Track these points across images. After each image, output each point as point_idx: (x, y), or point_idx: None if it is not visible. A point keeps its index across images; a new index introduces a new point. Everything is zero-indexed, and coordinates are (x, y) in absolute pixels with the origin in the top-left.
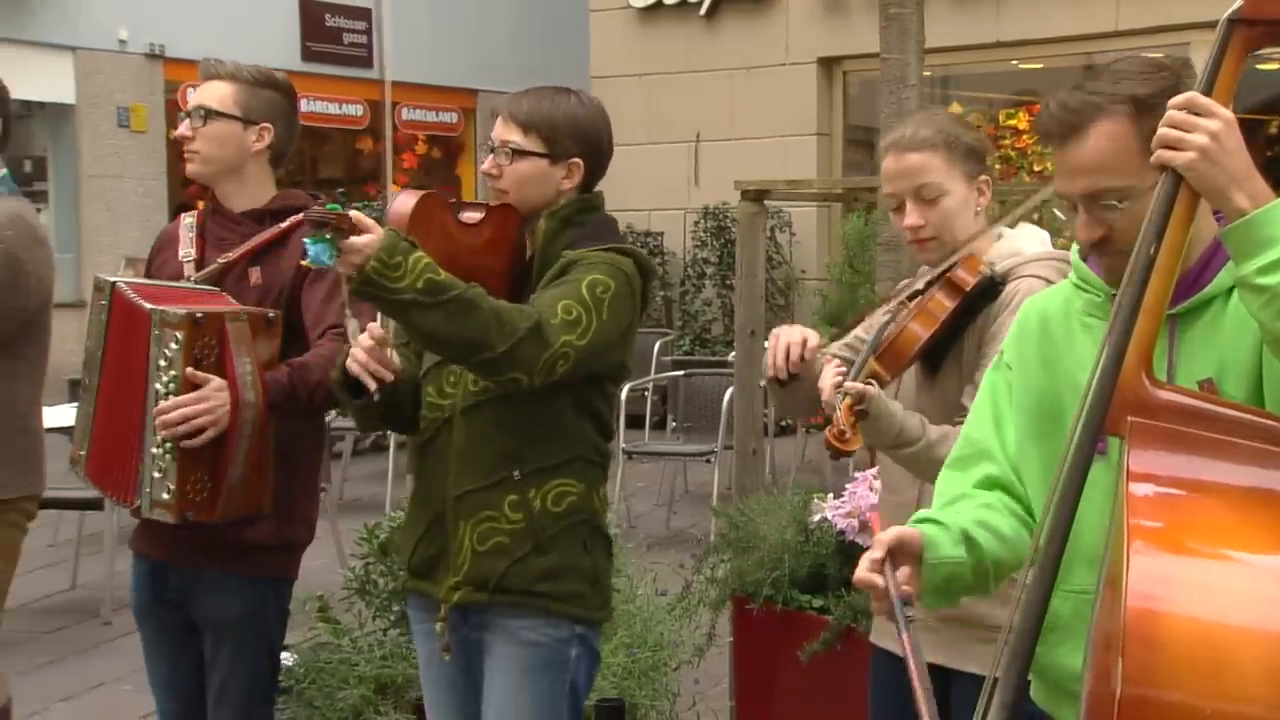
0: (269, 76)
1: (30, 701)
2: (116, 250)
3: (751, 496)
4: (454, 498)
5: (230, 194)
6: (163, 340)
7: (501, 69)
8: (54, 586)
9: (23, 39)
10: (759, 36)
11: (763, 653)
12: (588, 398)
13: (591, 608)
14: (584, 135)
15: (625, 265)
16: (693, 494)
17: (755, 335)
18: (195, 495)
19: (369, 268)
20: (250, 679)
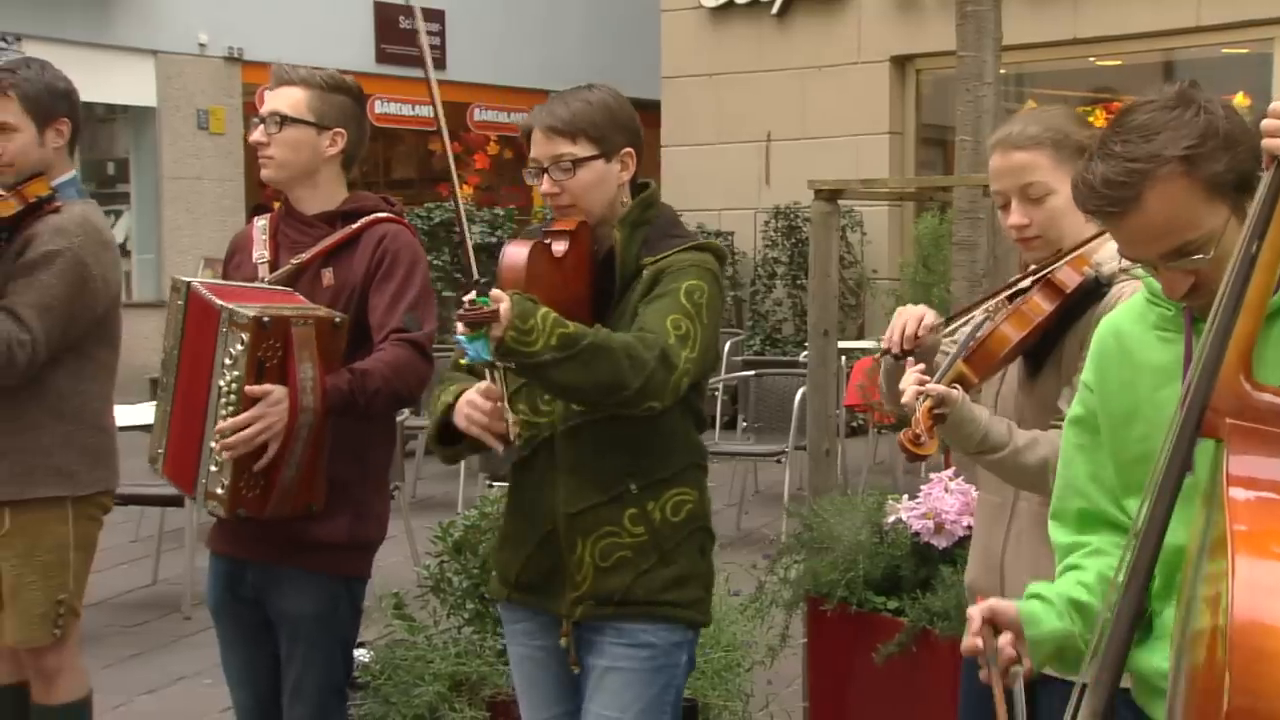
0: (340, 81)
1: (114, 694)
2: (195, 251)
3: (825, 497)
4: (568, 515)
5: (304, 197)
6: (229, 339)
7: (572, 69)
8: (136, 582)
9: (106, 43)
10: (831, 35)
11: (836, 654)
12: (690, 399)
13: (705, 611)
14: (623, 124)
15: (709, 263)
16: (763, 494)
17: (828, 335)
18: (248, 492)
19: (506, 338)
20: (324, 675)
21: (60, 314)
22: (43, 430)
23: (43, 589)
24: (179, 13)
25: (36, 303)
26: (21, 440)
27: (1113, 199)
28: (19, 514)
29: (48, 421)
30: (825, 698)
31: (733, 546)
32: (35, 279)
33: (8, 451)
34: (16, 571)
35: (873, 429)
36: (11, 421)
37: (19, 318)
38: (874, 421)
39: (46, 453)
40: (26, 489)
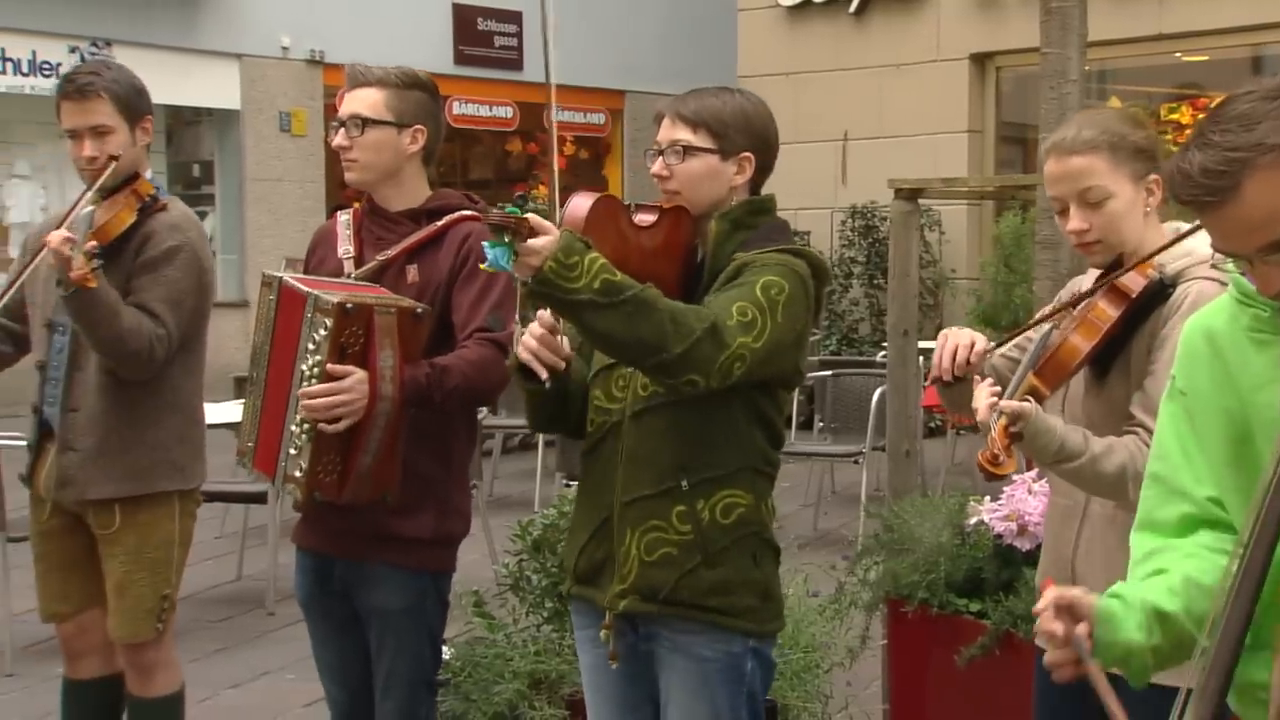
0: (415, 77)
1: (200, 688)
2: (278, 252)
3: (905, 498)
4: (622, 504)
5: (389, 196)
6: (314, 324)
7: (649, 69)
8: (221, 577)
9: (192, 47)
10: (909, 33)
11: (917, 656)
12: (759, 405)
13: (764, 620)
14: (753, 130)
15: (799, 267)
16: (840, 495)
17: (908, 335)
18: (325, 476)
19: (545, 268)
20: (413, 669)
21: (187, 308)
22: (161, 425)
23: (149, 585)
24: (262, 16)
25: (166, 297)
26: (143, 435)
27: (1210, 188)
28: (131, 510)
29: (164, 416)
30: (905, 700)
31: (810, 547)
32: (161, 274)
33: (131, 447)
34: (125, 569)
35: (951, 430)
36: (133, 417)
37: (154, 314)
38: (952, 423)
39: (166, 447)
40: (145, 485)
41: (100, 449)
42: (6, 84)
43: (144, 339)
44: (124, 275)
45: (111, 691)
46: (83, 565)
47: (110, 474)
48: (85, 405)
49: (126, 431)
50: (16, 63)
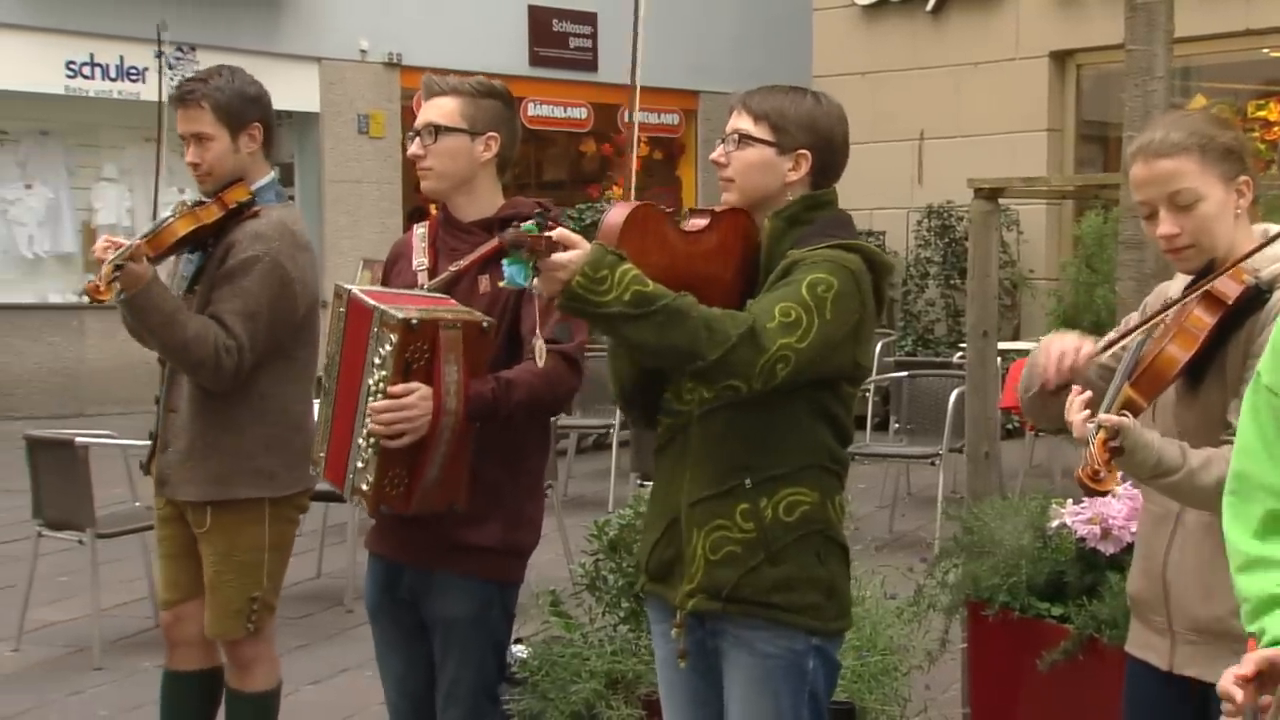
0: (489, 86)
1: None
2: (355, 253)
3: (984, 500)
4: (688, 504)
5: (461, 205)
6: (380, 339)
7: (723, 70)
8: (301, 575)
9: (273, 51)
10: (988, 31)
11: (998, 660)
12: (822, 401)
13: (827, 619)
14: (814, 128)
15: (850, 262)
16: (916, 497)
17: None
18: (391, 489)
19: (574, 283)
20: (476, 678)
21: (264, 319)
22: (245, 433)
23: (238, 586)
24: (342, 20)
25: (241, 310)
26: (226, 442)
27: None
28: (220, 514)
29: (251, 424)
30: (986, 704)
31: (887, 549)
32: (237, 285)
33: (213, 453)
34: (215, 568)
35: (1029, 432)
36: (217, 423)
37: (225, 325)
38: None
39: (249, 455)
40: (228, 490)
41: (188, 452)
42: (95, 89)
43: (208, 348)
44: (209, 283)
45: (208, 685)
46: (190, 556)
47: (194, 477)
48: (180, 407)
49: (210, 437)
50: (105, 68)
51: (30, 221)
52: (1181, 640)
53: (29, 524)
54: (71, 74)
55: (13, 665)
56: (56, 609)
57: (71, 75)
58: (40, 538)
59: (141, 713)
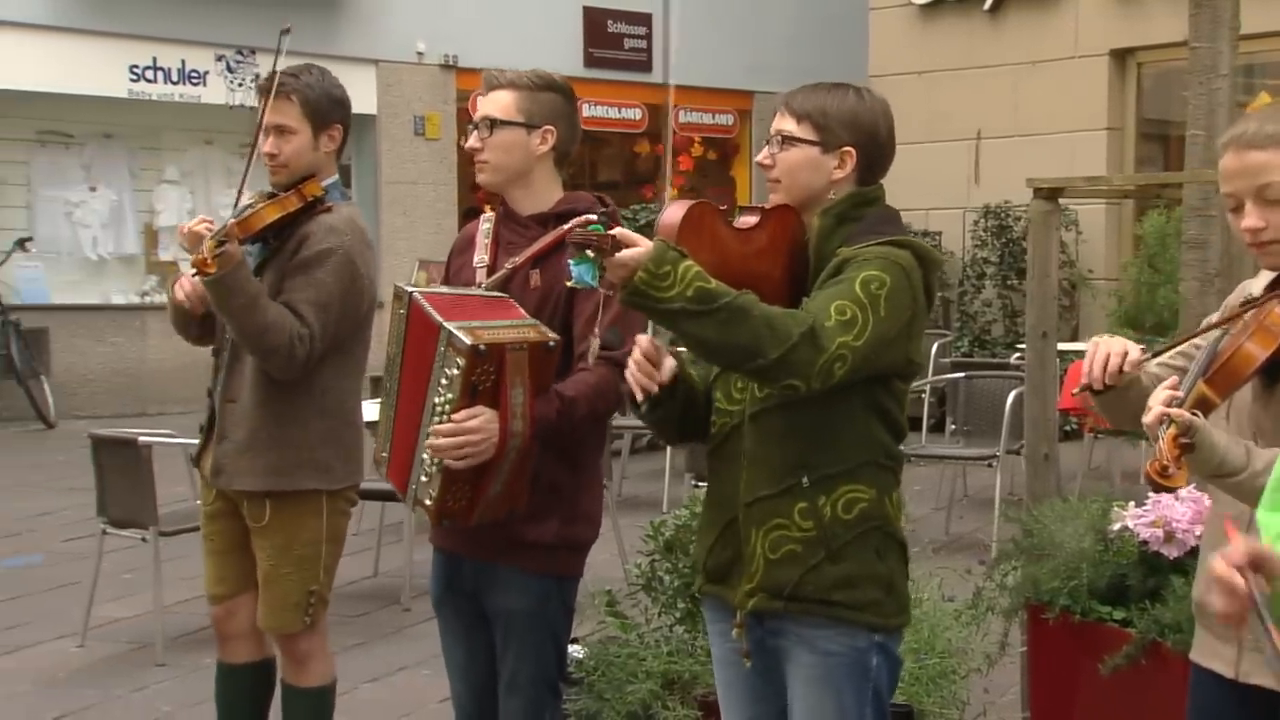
0: (548, 80)
1: (339, 681)
2: (412, 254)
3: (1044, 502)
4: (745, 504)
5: (519, 198)
6: (446, 359)
7: (778, 70)
8: (358, 573)
9: (331, 54)
10: (1046, 29)
11: (1058, 664)
12: (876, 397)
13: (888, 615)
14: (858, 125)
15: (902, 258)
16: (973, 498)
17: (1047, 337)
18: (454, 504)
19: (637, 279)
20: (536, 671)
21: (334, 311)
22: (308, 425)
23: (296, 580)
24: (399, 23)
25: (314, 299)
26: (287, 434)
27: None
28: (279, 507)
29: (312, 417)
30: (1046, 708)
31: (944, 551)
32: (311, 276)
33: (275, 444)
34: (273, 562)
35: (1088, 434)
36: (280, 414)
37: (299, 313)
38: (1090, 426)
39: (310, 447)
40: (288, 481)
41: (249, 442)
42: (158, 92)
43: (284, 335)
44: (280, 274)
45: (262, 676)
46: (240, 550)
47: (255, 467)
48: (241, 398)
49: (273, 428)
50: (167, 71)
51: (94, 223)
52: (1249, 648)
53: (94, 522)
54: (135, 78)
55: (78, 661)
56: (120, 605)
57: (135, 79)
58: (104, 535)
59: (203, 709)
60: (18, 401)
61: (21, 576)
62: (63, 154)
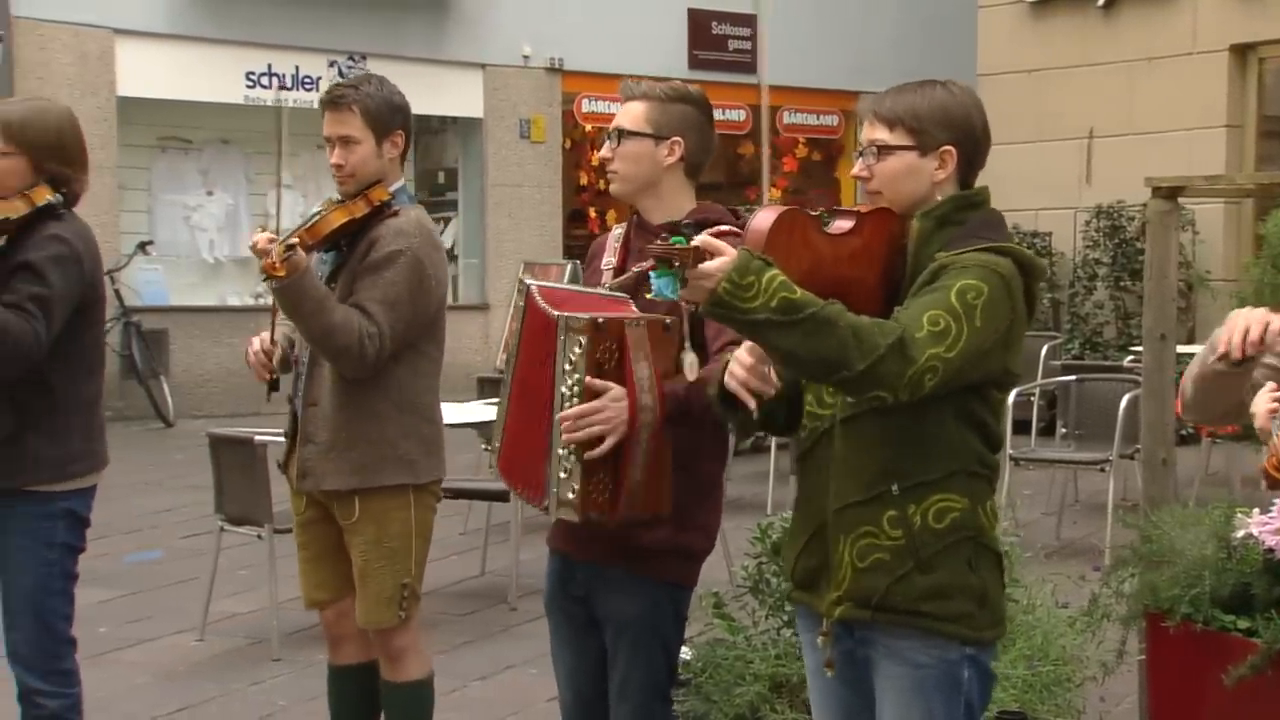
0: (681, 91)
1: (449, 679)
2: (517, 255)
3: (1162, 508)
4: (833, 511)
5: (650, 208)
6: (568, 345)
7: (883, 70)
8: (466, 572)
9: (440, 59)
10: (1163, 25)
11: (1179, 673)
12: (971, 407)
13: (980, 627)
14: (953, 121)
15: (1001, 266)
16: (1085, 503)
17: (1165, 339)
18: (598, 496)
19: (720, 289)
20: (647, 678)
21: (403, 311)
22: (388, 422)
23: (389, 573)
24: (506, 27)
25: (383, 299)
26: (369, 431)
27: None
28: (367, 502)
29: (391, 413)
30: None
31: (1056, 557)
32: (381, 277)
33: (357, 442)
34: (366, 557)
35: (1206, 438)
36: (360, 413)
37: (368, 313)
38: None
39: (392, 443)
40: (374, 478)
41: (332, 443)
42: (272, 98)
43: (353, 335)
44: (351, 277)
45: (372, 677)
46: (337, 554)
47: (340, 467)
48: (321, 401)
49: (355, 427)
50: (281, 77)
51: (211, 227)
52: None
53: (211, 519)
54: (251, 84)
55: (197, 655)
56: (237, 601)
57: (250, 85)
58: (222, 532)
59: (318, 704)
60: (138, 401)
61: (142, 572)
62: (182, 159)
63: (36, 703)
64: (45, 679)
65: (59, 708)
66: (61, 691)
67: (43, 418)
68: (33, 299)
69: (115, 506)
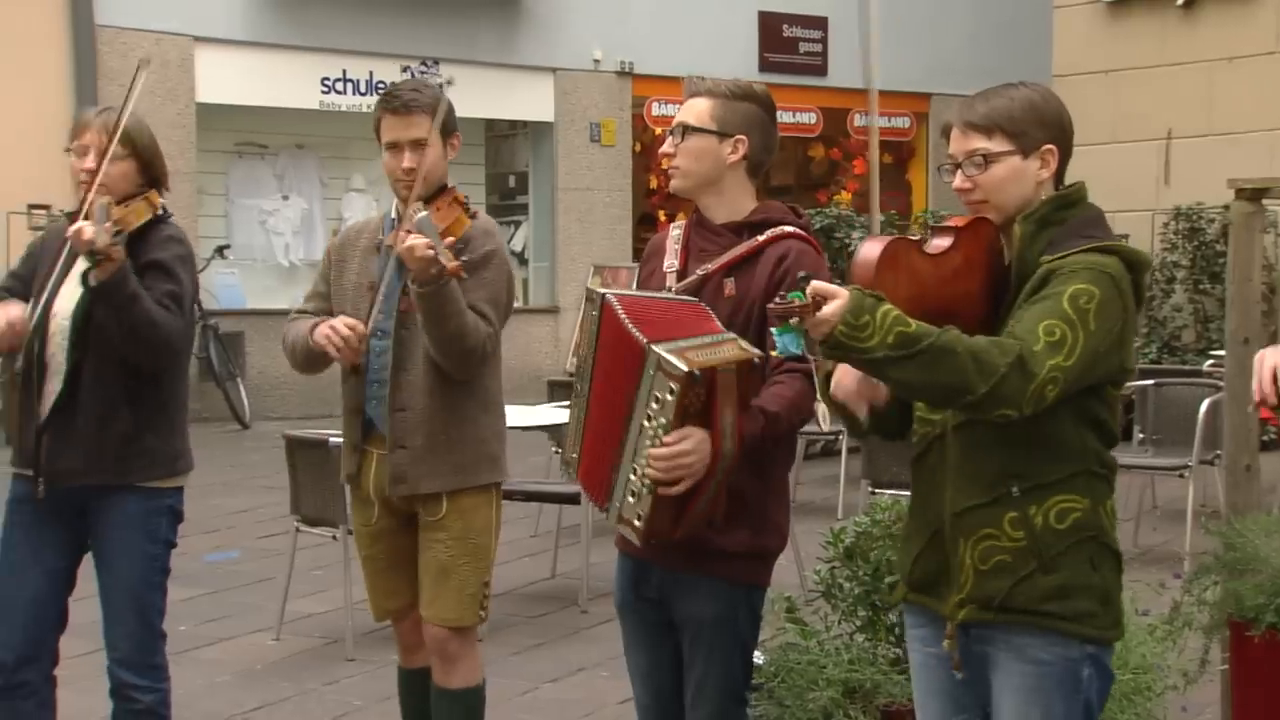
0: (747, 89)
1: (520, 680)
2: (586, 259)
3: (1246, 515)
4: (952, 514)
5: (711, 206)
6: (656, 383)
7: (956, 71)
8: (536, 575)
9: (512, 63)
10: (1244, 24)
11: (1264, 683)
12: (1087, 405)
13: (1104, 627)
14: (1047, 119)
15: (1109, 266)
16: (1163, 509)
17: (1249, 343)
18: (661, 524)
19: (837, 332)
20: (724, 681)
21: (503, 309)
22: (479, 422)
23: (473, 570)
24: (577, 32)
25: (489, 298)
26: (465, 433)
27: None
28: (456, 499)
29: (480, 413)
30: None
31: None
32: (481, 277)
33: (456, 445)
34: (451, 553)
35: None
36: (455, 415)
37: (482, 313)
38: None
39: (484, 441)
40: (471, 478)
41: (429, 446)
42: (347, 103)
43: (480, 336)
44: None
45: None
46: (408, 564)
47: (438, 469)
48: (413, 405)
49: (452, 430)
50: (356, 83)
51: (286, 231)
52: None
53: (287, 519)
54: (326, 89)
55: (274, 654)
56: (312, 601)
57: (326, 91)
58: (298, 533)
59: (391, 704)
60: (216, 403)
61: (221, 571)
62: (258, 164)
63: (131, 697)
64: (141, 673)
65: (153, 702)
66: (155, 686)
67: (156, 415)
68: (169, 295)
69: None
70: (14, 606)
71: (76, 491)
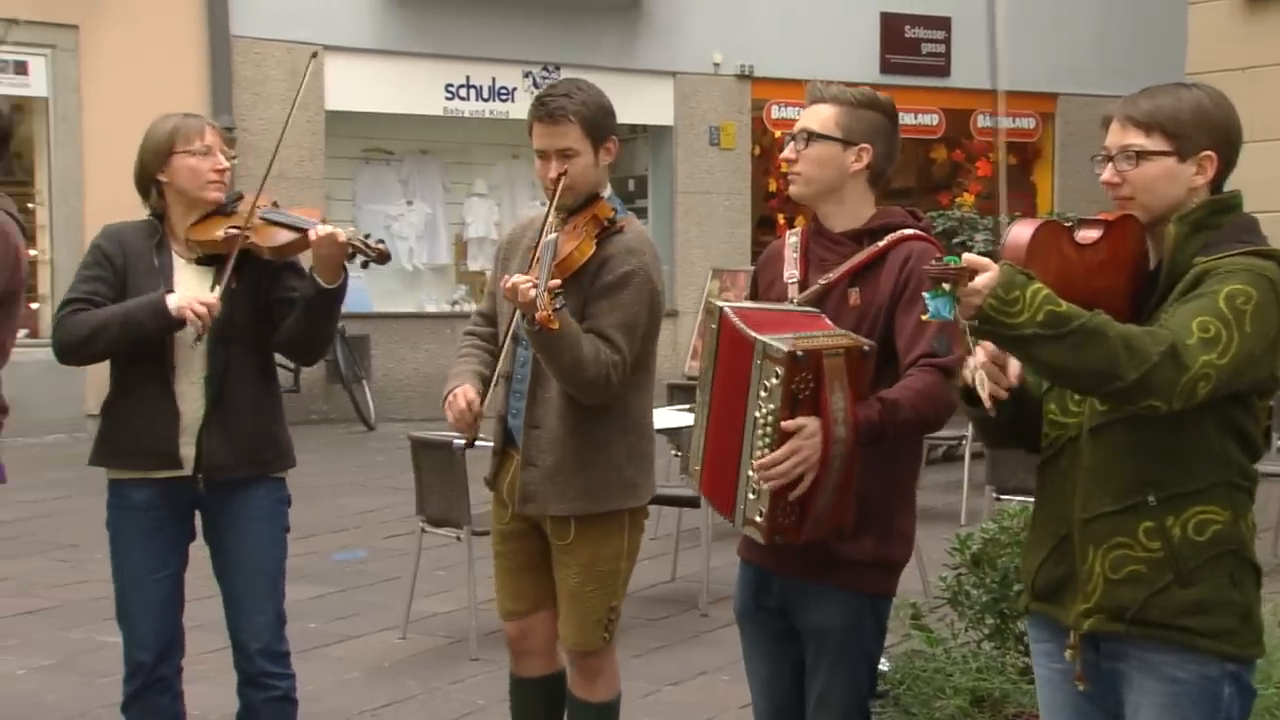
0: (871, 98)
1: (643, 683)
2: (705, 263)
3: None
4: (1082, 520)
5: (831, 214)
6: (764, 371)
7: (1084, 71)
8: (657, 577)
9: (632, 68)
10: None
11: None
12: (1232, 415)
13: (1244, 644)
14: (1213, 126)
15: (1268, 270)
16: None
17: None
18: (784, 520)
19: (985, 305)
20: (848, 690)
21: (640, 331)
22: (614, 446)
23: (599, 597)
24: (697, 35)
25: (621, 323)
26: (596, 456)
27: None
28: (585, 526)
29: (617, 436)
30: None
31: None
32: (617, 300)
33: (585, 467)
34: (578, 579)
35: None
36: (589, 439)
37: (610, 339)
38: None
39: (618, 467)
40: (601, 503)
41: (559, 467)
42: (470, 109)
43: (602, 366)
44: (581, 298)
45: (555, 689)
46: (537, 568)
47: (567, 492)
48: (546, 424)
49: (584, 452)
50: (478, 89)
51: (410, 235)
52: None
53: (413, 520)
54: (449, 96)
55: (401, 653)
56: (437, 601)
57: (449, 97)
58: (423, 533)
59: None
60: (343, 404)
61: (348, 570)
62: (384, 170)
63: (269, 685)
64: (276, 661)
65: (288, 688)
66: (288, 672)
67: (279, 407)
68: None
69: (322, 506)
70: (149, 610)
71: (220, 486)
